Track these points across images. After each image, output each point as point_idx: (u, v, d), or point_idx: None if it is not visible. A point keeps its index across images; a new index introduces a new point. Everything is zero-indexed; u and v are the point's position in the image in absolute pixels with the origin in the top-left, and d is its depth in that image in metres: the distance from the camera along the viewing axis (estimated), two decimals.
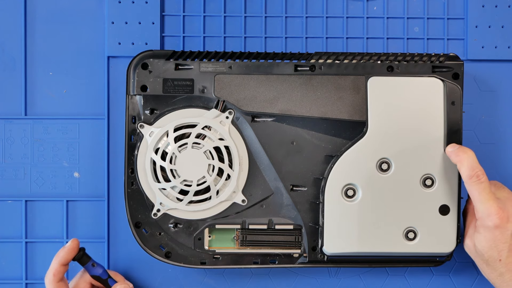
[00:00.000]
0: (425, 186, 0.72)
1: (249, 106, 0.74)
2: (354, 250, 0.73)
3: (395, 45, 0.81)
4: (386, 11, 0.81)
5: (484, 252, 0.69)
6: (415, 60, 0.74)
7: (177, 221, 0.75)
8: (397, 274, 0.80)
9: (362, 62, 0.74)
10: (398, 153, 0.72)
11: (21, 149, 0.79)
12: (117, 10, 0.79)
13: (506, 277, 0.69)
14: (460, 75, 0.73)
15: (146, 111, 0.74)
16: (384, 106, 0.73)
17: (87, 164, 0.79)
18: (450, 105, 0.73)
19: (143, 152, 0.74)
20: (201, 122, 0.73)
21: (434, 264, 0.76)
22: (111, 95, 0.79)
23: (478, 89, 0.80)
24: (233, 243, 0.76)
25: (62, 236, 0.79)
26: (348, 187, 0.73)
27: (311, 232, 0.75)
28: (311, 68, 0.74)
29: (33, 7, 0.80)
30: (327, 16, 0.81)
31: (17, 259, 0.79)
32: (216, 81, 0.74)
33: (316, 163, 0.74)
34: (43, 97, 0.79)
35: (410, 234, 0.72)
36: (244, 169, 0.74)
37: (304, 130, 0.74)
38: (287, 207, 0.75)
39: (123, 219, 0.76)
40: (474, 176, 0.68)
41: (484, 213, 0.68)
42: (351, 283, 0.80)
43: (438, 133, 0.72)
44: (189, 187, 0.73)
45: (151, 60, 0.74)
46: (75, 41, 0.80)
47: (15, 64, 0.79)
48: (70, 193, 0.79)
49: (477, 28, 0.80)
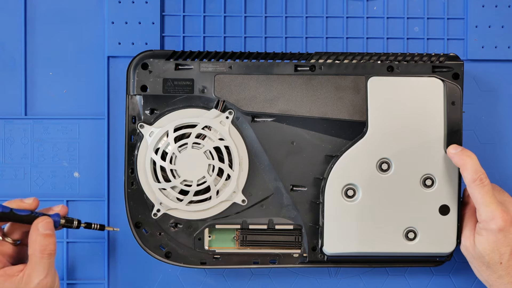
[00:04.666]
0: (425, 186, 0.72)
1: (249, 106, 0.74)
2: (354, 250, 0.73)
3: (395, 45, 0.81)
4: (386, 11, 0.81)
5: (485, 255, 0.69)
6: (415, 60, 0.74)
7: (177, 221, 0.75)
8: (397, 274, 0.80)
9: (362, 62, 0.74)
10: (398, 153, 0.72)
11: (21, 149, 0.79)
12: (117, 10, 0.79)
13: (505, 280, 0.69)
14: (460, 75, 0.73)
15: (146, 111, 0.74)
16: (384, 106, 0.73)
17: (87, 164, 0.79)
18: (450, 105, 0.73)
19: (143, 152, 0.74)
20: (201, 122, 0.73)
21: (434, 264, 0.76)
22: (111, 95, 0.79)
23: (478, 89, 0.80)
24: (233, 243, 0.76)
25: (62, 236, 0.79)
26: (348, 187, 0.73)
27: (311, 232, 0.75)
28: (311, 68, 0.74)
29: (33, 7, 0.80)
30: (327, 16, 0.81)
31: None
32: (216, 81, 0.74)
33: (316, 163, 0.74)
34: (43, 97, 0.79)
35: (410, 234, 0.72)
36: (244, 169, 0.74)
37: (304, 130, 0.74)
38: (287, 207, 0.75)
39: (123, 219, 0.76)
40: (478, 179, 0.68)
41: (488, 216, 0.68)
42: (351, 283, 0.80)
43: (438, 133, 0.72)
44: (189, 187, 0.73)
45: (151, 60, 0.74)
46: (75, 41, 0.80)
47: (15, 64, 0.79)
48: (70, 193, 0.79)
49: (477, 28, 0.80)
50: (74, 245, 0.79)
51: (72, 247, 0.79)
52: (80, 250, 0.79)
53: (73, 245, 0.79)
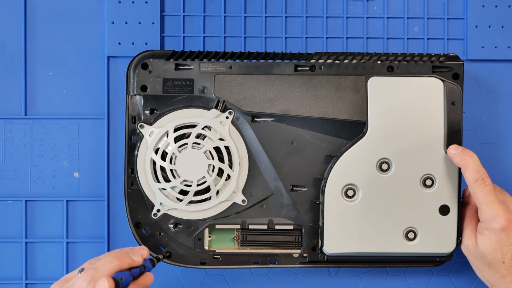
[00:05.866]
0: (425, 186, 0.72)
1: (249, 106, 0.74)
2: (354, 250, 0.73)
3: (395, 45, 0.81)
4: (386, 11, 0.81)
5: (487, 254, 0.69)
6: (415, 60, 0.74)
7: (177, 221, 0.75)
8: (397, 274, 0.80)
9: (362, 62, 0.74)
10: (398, 153, 0.72)
11: (21, 149, 0.79)
12: (117, 10, 0.79)
13: (507, 279, 0.69)
14: (460, 75, 0.73)
15: (146, 111, 0.74)
16: (384, 106, 0.73)
17: (87, 164, 0.79)
18: (450, 105, 0.73)
19: (143, 152, 0.74)
20: (201, 122, 0.73)
21: (434, 264, 0.76)
22: (111, 95, 0.79)
23: (478, 89, 0.80)
24: (233, 243, 0.76)
25: (62, 236, 0.79)
26: (348, 187, 0.73)
27: (311, 232, 0.75)
28: (311, 68, 0.74)
29: (33, 7, 0.80)
30: (327, 16, 0.81)
31: (17, 259, 0.79)
32: (216, 81, 0.74)
33: (316, 163, 0.74)
34: (43, 97, 0.79)
35: (410, 234, 0.73)
36: (244, 169, 0.74)
37: (304, 130, 0.74)
38: (287, 207, 0.75)
39: (123, 219, 0.76)
40: (480, 179, 0.68)
41: (490, 215, 0.68)
42: (351, 283, 0.80)
43: (438, 133, 0.72)
44: (189, 187, 0.73)
45: (151, 60, 0.74)
46: (75, 41, 0.80)
47: (15, 64, 0.79)
48: (70, 193, 0.79)
49: (477, 28, 0.80)
50: (74, 245, 0.79)
51: (72, 247, 0.79)
52: (80, 250, 0.79)
53: (73, 245, 0.79)
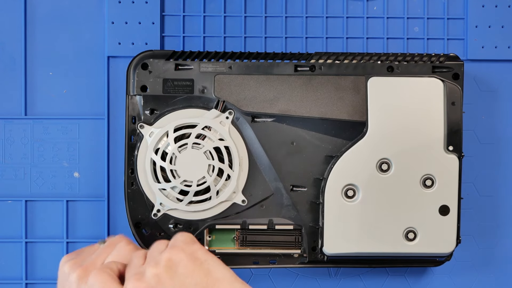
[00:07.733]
0: (425, 186, 0.72)
1: (249, 106, 0.74)
2: (354, 251, 0.73)
3: (395, 45, 0.81)
4: (386, 11, 0.81)
5: None
6: (415, 60, 0.74)
7: (177, 221, 0.75)
8: (397, 274, 0.80)
9: (362, 62, 0.74)
10: (398, 153, 0.72)
11: (21, 149, 0.79)
12: (117, 10, 0.79)
13: None
14: (460, 75, 0.73)
15: (146, 111, 0.74)
16: (384, 107, 0.73)
17: (87, 164, 0.79)
18: (450, 106, 0.73)
19: (143, 153, 0.74)
20: (201, 122, 0.73)
21: (434, 264, 0.76)
22: (111, 95, 0.79)
23: (478, 89, 0.80)
24: (233, 244, 0.76)
25: (62, 236, 0.79)
26: (348, 187, 0.73)
27: (311, 232, 0.75)
28: (311, 68, 0.74)
29: (33, 7, 0.80)
30: (327, 16, 0.81)
31: (17, 259, 0.79)
32: (216, 81, 0.74)
33: (316, 163, 0.74)
34: (43, 97, 0.79)
35: (410, 235, 0.73)
36: (244, 170, 0.74)
37: (304, 130, 0.74)
38: (287, 207, 0.75)
39: (123, 219, 0.77)
40: None
41: None
42: (351, 283, 0.80)
43: (438, 133, 0.72)
44: (189, 187, 0.73)
45: (151, 60, 0.74)
46: (75, 41, 0.80)
47: (15, 64, 0.79)
48: (70, 193, 0.79)
49: (477, 28, 0.80)
50: (75, 245, 0.79)
51: (72, 247, 0.79)
52: None
53: (73, 245, 0.79)
